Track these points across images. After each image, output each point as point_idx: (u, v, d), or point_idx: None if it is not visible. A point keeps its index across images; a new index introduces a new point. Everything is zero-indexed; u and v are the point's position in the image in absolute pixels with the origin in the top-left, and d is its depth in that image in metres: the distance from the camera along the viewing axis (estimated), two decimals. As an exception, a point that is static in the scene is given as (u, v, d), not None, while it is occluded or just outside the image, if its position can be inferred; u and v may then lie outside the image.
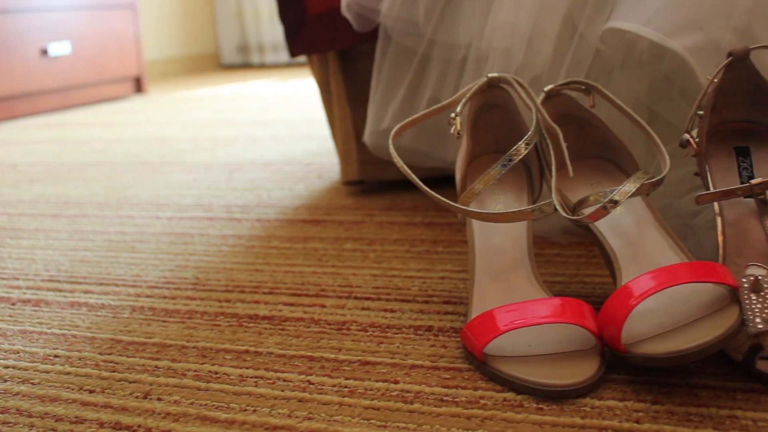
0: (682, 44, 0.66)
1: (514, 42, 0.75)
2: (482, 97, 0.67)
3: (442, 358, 0.60)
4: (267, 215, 1.03)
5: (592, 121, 0.66)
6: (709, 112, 0.64)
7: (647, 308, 0.57)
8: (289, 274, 0.80)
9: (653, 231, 0.61)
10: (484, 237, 0.64)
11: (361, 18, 0.87)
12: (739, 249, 0.60)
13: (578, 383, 0.52)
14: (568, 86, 0.66)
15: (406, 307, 0.70)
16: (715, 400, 0.51)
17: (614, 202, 0.56)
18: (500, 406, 0.52)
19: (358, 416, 0.52)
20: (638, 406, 0.51)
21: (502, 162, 0.59)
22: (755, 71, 0.63)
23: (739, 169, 0.63)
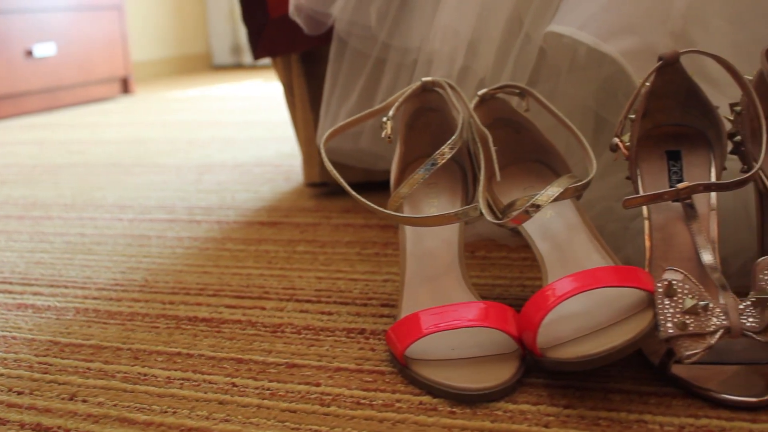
0: (617, 48, 0.66)
1: (456, 45, 0.75)
2: (417, 101, 0.67)
3: (368, 361, 0.60)
4: (227, 217, 1.04)
5: (525, 125, 0.66)
6: (640, 116, 0.64)
7: (570, 311, 0.57)
8: (236, 277, 0.80)
9: (581, 235, 0.61)
10: (415, 240, 0.65)
11: (312, 21, 0.87)
12: (665, 253, 0.60)
13: (491, 387, 0.52)
14: (503, 90, 0.66)
15: (344, 309, 0.70)
16: (627, 405, 0.51)
17: (536, 206, 0.56)
18: (414, 409, 0.52)
19: (274, 419, 0.52)
20: (550, 410, 0.51)
21: (426, 166, 0.59)
22: (686, 75, 0.63)
23: (669, 173, 0.63)
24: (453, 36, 0.74)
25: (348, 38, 0.87)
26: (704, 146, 0.65)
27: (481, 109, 0.66)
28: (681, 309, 0.51)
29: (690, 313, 0.51)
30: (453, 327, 0.55)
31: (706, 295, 0.52)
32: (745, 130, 0.63)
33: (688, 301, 0.51)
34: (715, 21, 0.71)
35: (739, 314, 0.51)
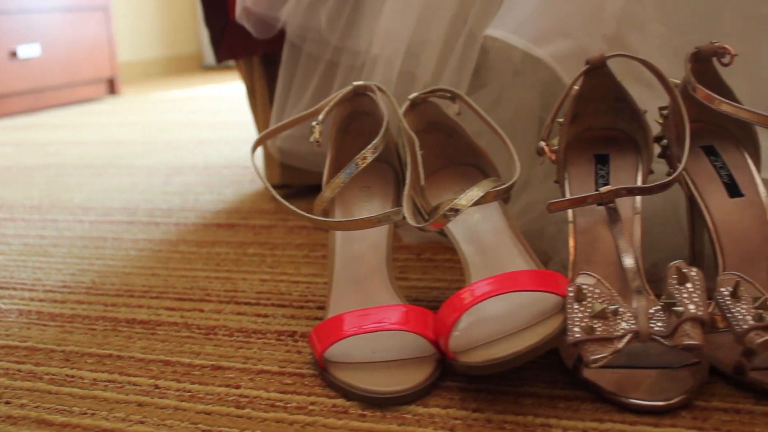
0: (549, 52, 0.66)
1: (395, 49, 0.75)
2: (350, 105, 0.67)
3: (292, 363, 0.60)
4: (186, 219, 1.04)
5: (457, 129, 0.67)
6: (569, 119, 0.64)
7: (489, 314, 0.57)
8: (182, 279, 0.81)
9: (506, 239, 0.62)
10: (344, 244, 0.65)
11: (260, 25, 0.87)
12: (588, 257, 0.60)
13: (403, 390, 0.52)
14: (434, 94, 0.66)
15: (280, 312, 0.70)
16: (536, 408, 0.51)
17: (455, 210, 0.56)
18: (326, 412, 0.53)
19: (188, 420, 0.53)
20: (459, 414, 0.51)
21: (347, 169, 0.59)
22: (614, 79, 0.63)
23: (596, 177, 0.63)
24: (389, 40, 0.75)
25: (299, 42, 0.88)
26: (633, 150, 0.65)
27: (414, 113, 0.67)
28: (589, 313, 0.51)
29: (598, 317, 0.51)
30: (367, 331, 0.55)
31: (619, 300, 0.53)
32: (671, 134, 0.63)
33: (597, 305, 0.51)
34: (652, 25, 0.71)
35: (648, 319, 0.51)
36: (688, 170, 0.62)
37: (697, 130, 0.66)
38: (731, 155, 0.63)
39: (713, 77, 0.63)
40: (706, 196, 0.61)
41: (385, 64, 0.76)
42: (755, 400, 0.50)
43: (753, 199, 0.61)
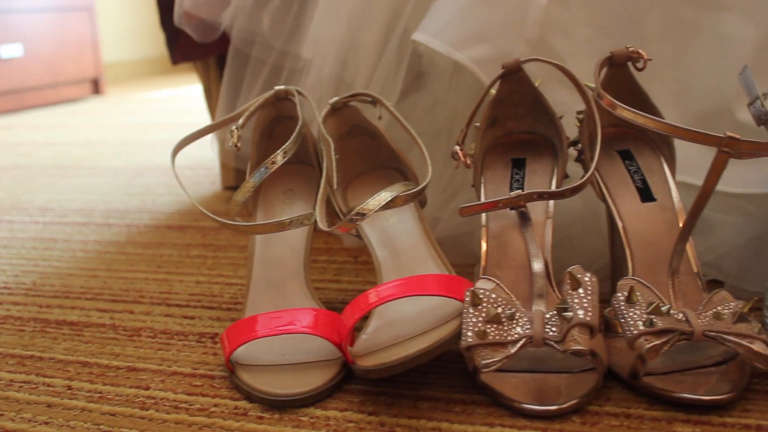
0: (470, 56, 0.67)
1: (325, 54, 0.75)
2: (274, 110, 0.68)
3: (206, 365, 0.61)
4: (140, 221, 1.05)
5: (377, 133, 0.67)
6: (487, 124, 0.64)
7: (397, 317, 0.58)
8: (121, 280, 0.81)
9: (420, 243, 0.62)
10: (263, 246, 0.65)
11: (202, 29, 0.88)
12: (499, 261, 0.60)
13: (301, 393, 0.53)
14: (355, 98, 0.67)
15: (207, 314, 0.71)
16: (431, 412, 0.52)
17: (361, 214, 0.57)
18: (226, 414, 0.53)
19: (92, 422, 0.53)
20: (355, 417, 0.52)
21: (258, 173, 0.60)
22: (531, 84, 0.63)
23: (511, 181, 0.64)
24: (324, 45, 0.75)
25: (242, 46, 0.88)
26: (550, 154, 0.65)
27: (336, 117, 0.67)
28: (484, 318, 0.51)
29: (492, 322, 0.51)
30: (273, 334, 0.56)
31: (517, 304, 0.53)
32: (584, 138, 0.63)
33: (492, 310, 0.51)
34: (579, 29, 0.71)
35: (544, 324, 0.51)
36: (602, 174, 0.63)
37: (615, 135, 0.66)
38: (647, 160, 0.64)
39: (628, 81, 0.63)
40: (617, 200, 0.61)
41: (317, 68, 0.76)
42: (648, 405, 0.51)
43: (665, 203, 0.61)
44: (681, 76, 0.71)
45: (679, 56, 0.70)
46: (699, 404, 0.49)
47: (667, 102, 0.72)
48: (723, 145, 0.50)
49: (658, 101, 0.71)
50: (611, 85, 0.63)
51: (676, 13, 0.70)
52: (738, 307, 0.52)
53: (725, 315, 0.51)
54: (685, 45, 0.70)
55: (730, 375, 0.51)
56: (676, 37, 0.70)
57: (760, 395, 0.51)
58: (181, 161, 1.41)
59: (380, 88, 0.77)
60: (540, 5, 0.67)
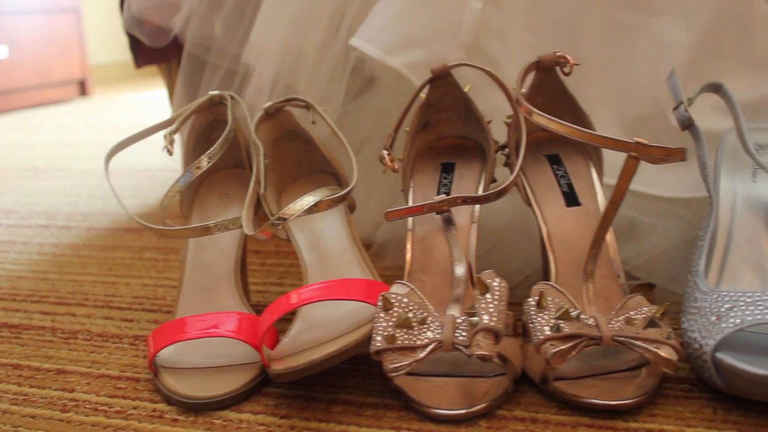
0: (404, 60, 0.67)
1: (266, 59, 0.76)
2: (211, 114, 0.68)
3: (134, 368, 0.61)
4: (100, 224, 1.05)
5: (310, 138, 0.67)
6: (417, 128, 0.65)
7: (319, 320, 0.58)
8: (70, 283, 0.82)
9: (346, 247, 0.62)
10: (196, 250, 0.66)
11: (153, 34, 0.88)
12: (423, 265, 0.61)
13: (215, 396, 0.53)
14: (289, 103, 0.67)
15: (146, 317, 0.71)
16: (342, 416, 0.52)
17: (282, 218, 0.57)
18: (143, 417, 0.54)
19: (11, 424, 0.54)
20: (267, 420, 0.52)
21: (184, 177, 0.61)
22: (460, 89, 0.64)
23: (438, 185, 0.64)
24: (265, 50, 0.76)
25: (195, 50, 0.89)
26: (480, 159, 0.65)
27: (271, 122, 0.67)
28: (394, 323, 0.52)
29: (402, 326, 0.51)
30: (193, 337, 0.56)
31: (430, 309, 0.53)
32: (512, 143, 0.63)
33: (402, 314, 0.52)
34: (516, 33, 0.71)
35: (454, 328, 0.51)
36: (528, 179, 0.63)
37: (544, 139, 0.66)
38: (575, 164, 0.64)
39: (557, 86, 0.63)
40: (542, 205, 0.61)
41: (259, 73, 0.77)
42: (556, 410, 0.51)
43: (590, 208, 0.61)
44: (617, 80, 0.71)
45: (615, 60, 0.71)
46: (605, 409, 0.50)
47: (604, 106, 0.72)
48: (631, 150, 0.51)
49: (596, 105, 0.72)
50: (540, 89, 0.63)
51: (613, 18, 0.70)
52: (651, 312, 0.52)
53: (637, 320, 0.52)
54: (621, 49, 0.71)
55: (641, 380, 0.51)
56: (613, 41, 0.71)
57: (669, 400, 0.51)
58: (153, 163, 1.44)
59: (324, 92, 0.77)
60: (475, 10, 0.68)
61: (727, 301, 0.50)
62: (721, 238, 0.59)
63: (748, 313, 0.49)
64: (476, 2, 0.68)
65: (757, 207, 0.60)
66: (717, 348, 0.49)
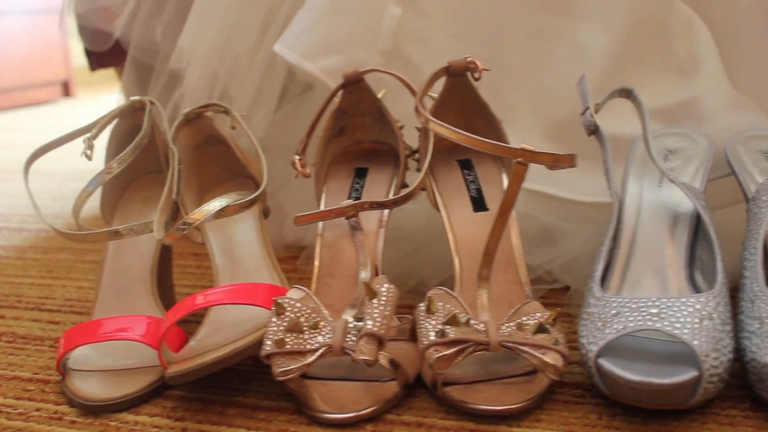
0: (322, 66, 0.68)
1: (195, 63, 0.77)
2: (132, 120, 0.69)
3: (48, 370, 0.62)
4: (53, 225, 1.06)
5: (227, 143, 0.68)
6: (332, 133, 0.65)
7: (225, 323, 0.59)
8: (7, 285, 0.83)
9: (257, 252, 0.63)
10: (115, 252, 0.67)
11: (94, 38, 0.89)
12: (331, 270, 0.61)
13: (112, 399, 0.54)
14: (209, 108, 0.68)
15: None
16: (234, 418, 0.53)
17: (188, 223, 0.58)
18: (44, 418, 0.55)
19: None
20: (161, 422, 0.53)
21: (93, 181, 0.61)
22: (373, 94, 0.64)
23: (350, 190, 0.65)
24: (184, 54, 0.76)
25: (138, 54, 0.89)
26: (393, 164, 0.66)
27: (191, 127, 0.68)
28: (285, 327, 0.52)
29: (293, 331, 0.52)
30: (97, 340, 0.57)
31: (324, 314, 0.54)
32: (423, 148, 0.64)
33: (293, 319, 0.52)
34: (439, 38, 0.72)
35: (345, 333, 0.52)
36: (438, 183, 0.63)
37: (456, 144, 0.66)
38: (487, 169, 0.64)
39: (468, 91, 0.64)
40: (449, 210, 0.62)
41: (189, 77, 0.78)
42: (444, 415, 0.51)
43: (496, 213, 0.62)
44: (539, 85, 0.71)
45: (537, 65, 0.71)
46: (490, 414, 0.50)
47: (526, 110, 0.72)
48: (518, 157, 0.51)
49: (518, 110, 0.72)
50: (452, 94, 0.64)
51: (535, 22, 0.71)
52: (543, 317, 0.52)
53: (528, 326, 0.52)
54: (543, 54, 0.71)
55: (530, 385, 0.52)
56: (535, 46, 0.71)
57: (558, 405, 0.52)
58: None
59: (256, 97, 0.78)
60: (393, 16, 0.68)
61: (614, 307, 0.51)
62: (625, 243, 0.59)
63: (631, 319, 0.49)
64: (395, 8, 0.68)
65: (662, 212, 0.60)
66: (600, 354, 0.49)
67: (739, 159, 0.62)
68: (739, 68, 0.72)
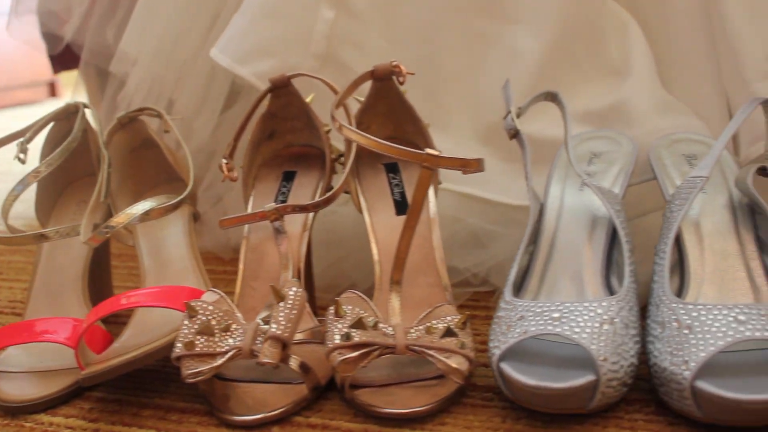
0: (254, 70, 0.68)
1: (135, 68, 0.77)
2: (68, 123, 0.70)
3: (-23, 371, 0.63)
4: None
5: (159, 145, 0.69)
6: (258, 137, 0.66)
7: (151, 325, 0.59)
8: (-45, 286, 0.84)
9: (184, 255, 0.64)
10: (49, 255, 0.68)
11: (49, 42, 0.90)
12: (255, 272, 0.62)
13: (28, 400, 0.55)
14: (143, 112, 0.68)
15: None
16: (147, 419, 0.53)
17: (110, 227, 0.58)
18: (-41, 420, 0.55)
19: None
20: (76, 423, 0.54)
21: (22, 183, 0.62)
22: (301, 98, 0.64)
23: (277, 194, 0.65)
24: (121, 58, 0.77)
25: (90, 58, 0.90)
26: (321, 167, 0.66)
27: (127, 131, 0.69)
28: (195, 329, 0.52)
29: (204, 333, 0.52)
30: (20, 342, 0.57)
31: (238, 317, 0.54)
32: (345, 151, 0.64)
33: (204, 322, 0.53)
34: (374, 42, 0.72)
35: (256, 336, 0.52)
36: (363, 187, 0.64)
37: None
38: (411, 174, 0.65)
39: (394, 95, 0.64)
40: (372, 213, 0.62)
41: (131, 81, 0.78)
42: (351, 417, 0.52)
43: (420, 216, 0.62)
44: (473, 88, 0.72)
45: (471, 68, 0.72)
46: (395, 417, 0.50)
47: (460, 113, 0.73)
48: (423, 161, 0.52)
49: (452, 112, 0.73)
50: (378, 98, 0.64)
51: (468, 26, 0.71)
52: (453, 321, 0.53)
53: (437, 329, 0.53)
54: (476, 57, 0.71)
55: (437, 388, 0.52)
56: (469, 49, 0.72)
57: (466, 408, 0.52)
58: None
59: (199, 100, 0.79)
60: (326, 19, 0.69)
61: (520, 311, 0.51)
62: (544, 246, 0.59)
63: (533, 324, 0.50)
64: (328, 12, 0.69)
65: (582, 216, 0.60)
66: (502, 357, 0.49)
67: (662, 162, 0.62)
68: (675, 71, 0.72)
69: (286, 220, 0.61)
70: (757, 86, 0.66)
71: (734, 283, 0.55)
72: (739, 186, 0.58)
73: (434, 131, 0.70)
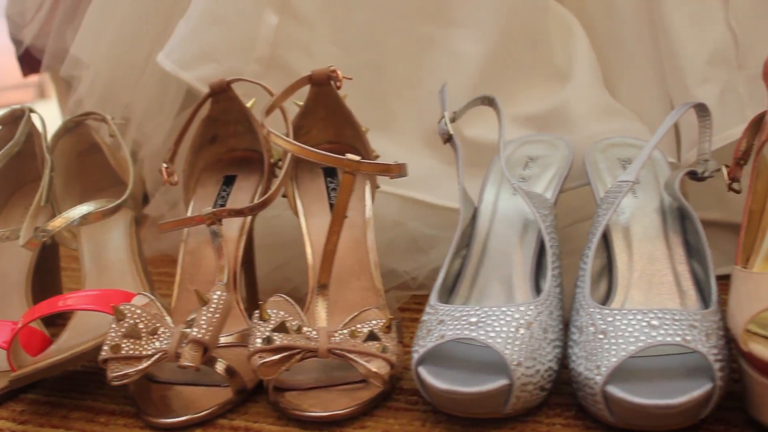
0: (198, 75, 0.69)
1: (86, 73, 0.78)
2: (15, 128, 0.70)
3: None
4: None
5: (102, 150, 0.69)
6: (199, 142, 0.66)
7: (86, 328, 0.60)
8: None
9: (125, 259, 0.65)
10: (-7, 260, 0.68)
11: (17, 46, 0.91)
12: (192, 276, 0.63)
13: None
14: (89, 117, 0.69)
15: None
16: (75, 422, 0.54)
17: (46, 231, 0.59)
18: None
19: None
20: (6, 426, 0.55)
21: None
22: (241, 103, 0.65)
23: (217, 198, 0.66)
24: (75, 64, 0.78)
25: (51, 62, 0.91)
26: (261, 171, 0.67)
27: (73, 135, 0.70)
28: (123, 333, 0.53)
29: (131, 336, 0.53)
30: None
31: (167, 321, 0.55)
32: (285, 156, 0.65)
33: (131, 325, 0.53)
34: (323, 47, 0.72)
35: (181, 339, 0.53)
36: (300, 191, 0.64)
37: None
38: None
39: (333, 100, 0.64)
40: (308, 216, 0.63)
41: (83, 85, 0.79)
42: (274, 420, 0.52)
43: (355, 220, 0.63)
44: (418, 92, 0.72)
45: (416, 72, 0.72)
46: (315, 420, 0.51)
47: (406, 118, 0.73)
48: (345, 167, 0.52)
49: (399, 117, 0.73)
50: (317, 103, 0.64)
51: (414, 30, 0.72)
52: (377, 325, 0.53)
53: (361, 333, 0.53)
54: (421, 61, 0.72)
55: (362, 391, 0.52)
56: (415, 53, 0.72)
57: (389, 412, 0.53)
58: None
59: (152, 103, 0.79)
60: (270, 24, 0.69)
61: (440, 315, 0.52)
62: (476, 251, 0.60)
63: (451, 328, 0.50)
64: (273, 17, 0.69)
65: (514, 220, 0.60)
66: (420, 361, 0.50)
67: (596, 167, 0.63)
68: (620, 76, 0.73)
69: (224, 224, 0.61)
70: (696, 91, 0.66)
71: (661, 287, 0.56)
72: (667, 190, 0.59)
73: (381, 136, 0.71)
